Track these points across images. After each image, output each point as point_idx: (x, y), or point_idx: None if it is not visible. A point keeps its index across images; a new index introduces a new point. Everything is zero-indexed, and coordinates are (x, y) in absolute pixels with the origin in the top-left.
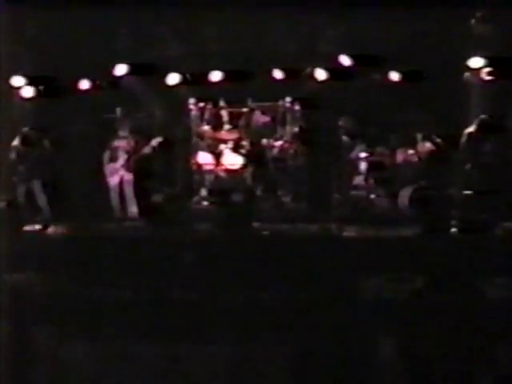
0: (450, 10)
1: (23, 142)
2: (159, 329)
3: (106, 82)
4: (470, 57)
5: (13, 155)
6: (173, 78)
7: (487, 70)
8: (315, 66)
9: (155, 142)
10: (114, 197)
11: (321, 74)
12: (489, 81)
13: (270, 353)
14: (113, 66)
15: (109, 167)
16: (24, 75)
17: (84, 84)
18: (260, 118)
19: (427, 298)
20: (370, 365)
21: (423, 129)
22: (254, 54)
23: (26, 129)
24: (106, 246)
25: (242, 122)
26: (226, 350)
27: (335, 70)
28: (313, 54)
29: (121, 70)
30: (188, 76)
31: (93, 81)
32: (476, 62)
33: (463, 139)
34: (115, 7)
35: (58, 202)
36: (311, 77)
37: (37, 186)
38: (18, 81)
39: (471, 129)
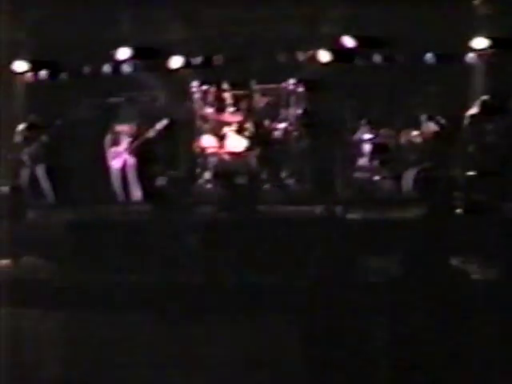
0: None
1: (28, 127)
2: (165, 312)
3: (109, 66)
4: (472, 38)
5: (17, 140)
6: (176, 62)
7: (490, 50)
8: (318, 48)
9: (160, 125)
10: (117, 181)
11: (324, 56)
12: (492, 61)
13: (276, 334)
14: (115, 50)
15: (111, 151)
16: (26, 60)
17: (87, 69)
18: (263, 101)
19: (428, 278)
20: (371, 345)
21: (427, 110)
22: (257, 36)
23: (31, 115)
24: (110, 230)
25: (245, 105)
26: (230, 331)
27: (339, 51)
28: (316, 35)
29: (123, 53)
30: (191, 59)
31: (96, 65)
32: (479, 42)
33: (466, 120)
34: None
35: (62, 186)
36: (314, 59)
37: (41, 170)
38: (20, 66)
39: (474, 110)
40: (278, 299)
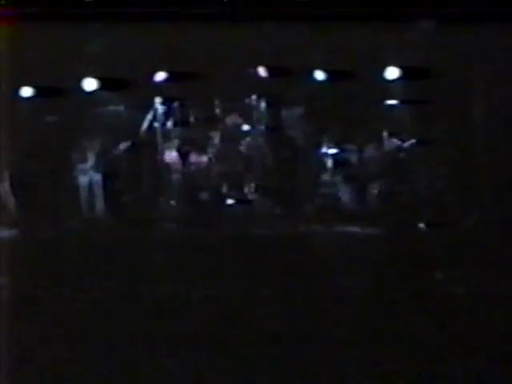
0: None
1: None
2: (130, 328)
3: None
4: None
5: None
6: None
7: None
8: (281, 63)
9: (123, 145)
10: (83, 197)
11: (286, 71)
12: None
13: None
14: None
15: (77, 168)
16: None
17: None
18: (226, 116)
19: (393, 294)
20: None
21: (389, 125)
22: (220, 52)
23: None
24: (75, 246)
25: (208, 121)
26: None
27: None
28: (279, 50)
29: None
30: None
31: (58, 82)
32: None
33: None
34: None
35: (26, 202)
36: (277, 73)
37: (4, 187)
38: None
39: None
40: (238, 309)
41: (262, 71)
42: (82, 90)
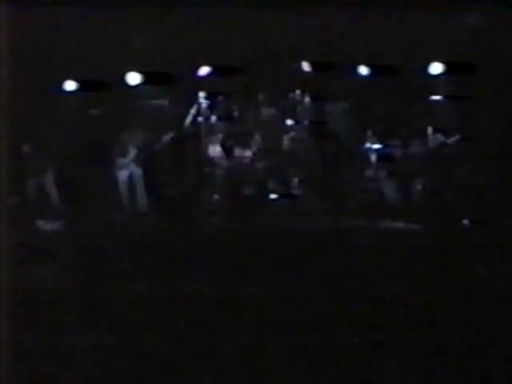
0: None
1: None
2: (172, 323)
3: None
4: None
5: (25, 150)
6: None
7: None
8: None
9: (166, 137)
10: (124, 191)
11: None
12: None
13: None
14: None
15: (118, 162)
16: None
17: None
18: (271, 111)
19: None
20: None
21: (434, 121)
22: (264, 47)
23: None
24: (118, 240)
25: (252, 115)
26: (241, 343)
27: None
28: (324, 46)
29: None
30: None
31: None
32: None
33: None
34: None
35: (70, 196)
36: (321, 69)
37: (49, 180)
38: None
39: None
40: (282, 312)
41: (305, 66)
42: (126, 84)
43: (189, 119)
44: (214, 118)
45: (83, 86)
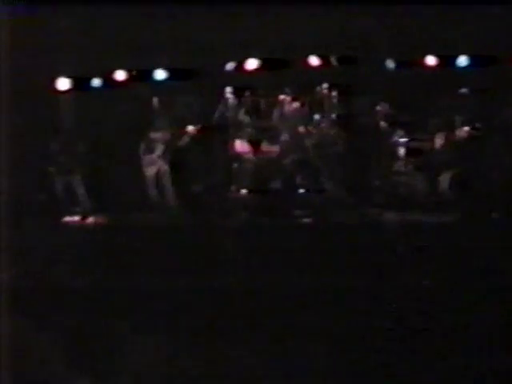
0: None
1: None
2: (199, 317)
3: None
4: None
5: (53, 148)
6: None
7: None
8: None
9: (192, 129)
10: (152, 187)
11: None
12: None
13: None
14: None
15: (145, 158)
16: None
17: (120, 75)
18: (298, 106)
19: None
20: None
21: (462, 113)
22: (290, 41)
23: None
24: (145, 235)
25: (279, 110)
26: (266, 340)
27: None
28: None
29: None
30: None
31: (129, 71)
32: None
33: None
34: None
35: (97, 193)
36: (347, 63)
37: (76, 177)
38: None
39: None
40: (312, 303)
41: (333, 60)
42: (153, 80)
43: (216, 114)
44: (241, 113)
45: (107, 82)
